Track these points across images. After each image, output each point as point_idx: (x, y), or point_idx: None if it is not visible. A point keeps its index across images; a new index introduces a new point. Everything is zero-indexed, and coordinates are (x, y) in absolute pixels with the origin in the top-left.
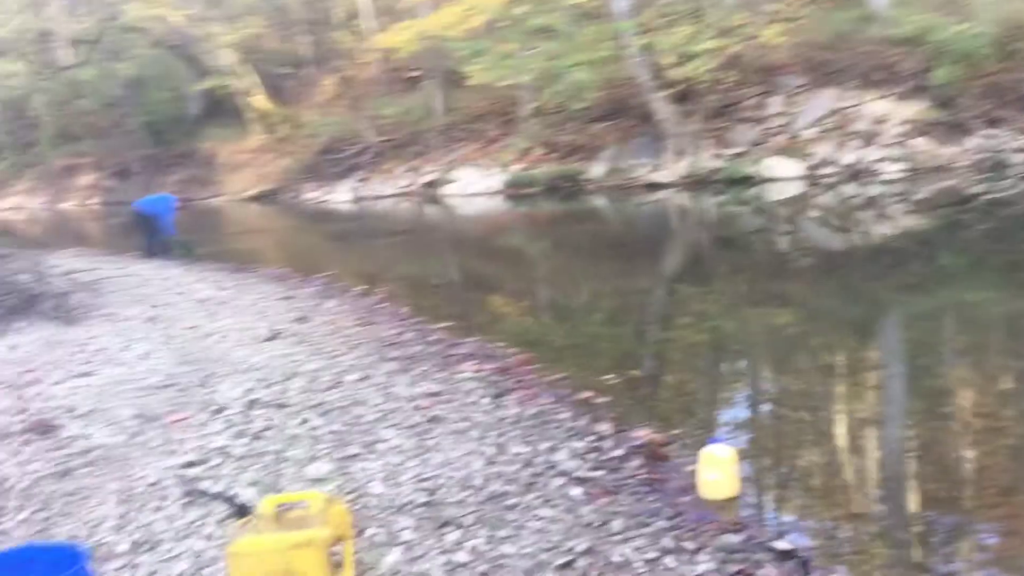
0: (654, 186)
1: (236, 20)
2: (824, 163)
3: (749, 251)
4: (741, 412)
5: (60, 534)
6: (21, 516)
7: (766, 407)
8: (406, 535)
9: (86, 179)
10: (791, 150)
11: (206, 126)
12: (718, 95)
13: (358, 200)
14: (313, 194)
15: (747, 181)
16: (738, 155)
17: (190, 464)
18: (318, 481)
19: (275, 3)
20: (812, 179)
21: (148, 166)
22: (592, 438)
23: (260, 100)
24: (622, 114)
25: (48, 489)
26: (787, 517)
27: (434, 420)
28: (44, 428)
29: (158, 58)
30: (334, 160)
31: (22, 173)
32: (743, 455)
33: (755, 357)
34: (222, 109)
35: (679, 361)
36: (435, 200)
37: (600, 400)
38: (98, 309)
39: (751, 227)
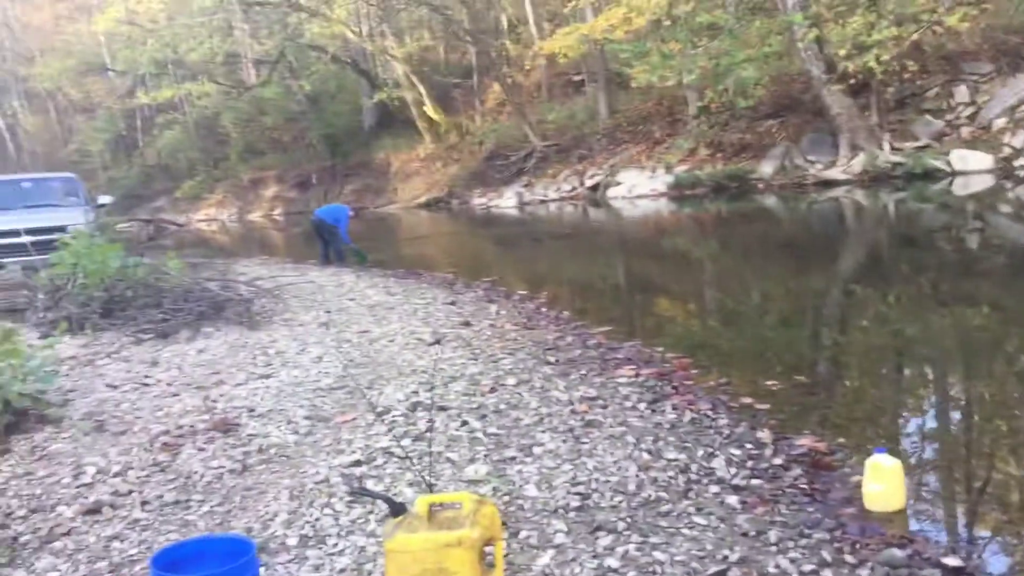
0: (828, 183)
1: (406, 34)
2: (1017, 155)
3: (933, 249)
4: (914, 421)
5: (237, 526)
6: (204, 508)
7: (942, 416)
8: (559, 538)
9: (270, 191)
10: (979, 142)
11: (379, 137)
12: (897, 86)
13: (523, 204)
14: (480, 200)
15: (930, 176)
16: (920, 148)
17: (356, 463)
18: (475, 482)
19: (442, 16)
20: (1003, 172)
21: (326, 177)
22: (751, 445)
23: (429, 110)
24: (792, 110)
25: (229, 484)
26: (958, 532)
27: (590, 424)
28: (227, 427)
29: (334, 74)
30: (500, 166)
31: (214, 187)
32: (913, 466)
33: (937, 362)
34: (394, 120)
35: (850, 366)
36: (599, 203)
37: (761, 406)
38: (278, 314)
39: (935, 224)
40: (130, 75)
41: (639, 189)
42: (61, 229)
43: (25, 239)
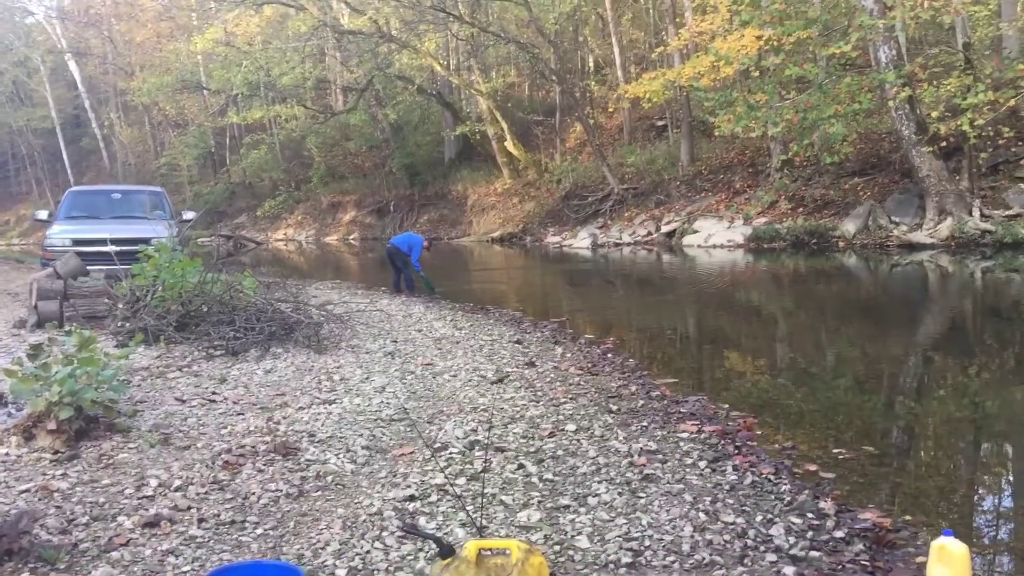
0: (912, 246)
1: (492, 70)
2: None
3: (1021, 322)
4: (988, 501)
5: (289, 552)
6: (259, 531)
7: (1019, 499)
8: None
9: (348, 215)
10: None
11: (458, 169)
12: (990, 152)
13: (597, 246)
14: (554, 238)
15: (1020, 246)
16: (1011, 217)
17: (410, 498)
18: (527, 528)
19: (529, 54)
20: None
21: (403, 205)
22: (812, 515)
23: (510, 145)
24: (879, 169)
25: (284, 508)
26: None
27: (647, 479)
28: (287, 450)
29: (419, 105)
30: (576, 206)
31: (294, 207)
32: (983, 549)
33: (1017, 441)
34: (474, 153)
35: (924, 439)
36: (674, 250)
37: (826, 475)
38: (346, 340)
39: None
40: (223, 94)
41: (715, 239)
42: (145, 241)
43: (111, 248)
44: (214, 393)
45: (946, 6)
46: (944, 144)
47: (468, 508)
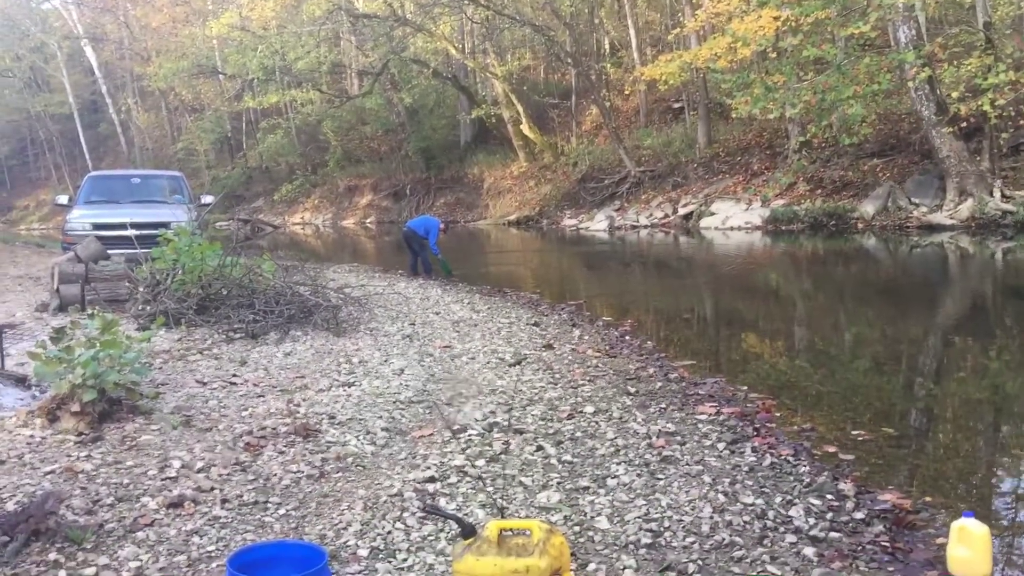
0: (932, 228)
1: (507, 53)
2: None
3: None
4: (1008, 483)
5: (311, 532)
6: (281, 512)
7: None
8: (627, 574)
9: (365, 199)
10: None
11: (474, 152)
12: (1012, 132)
13: (614, 228)
14: (571, 221)
15: None
16: None
17: (430, 479)
18: (546, 509)
19: (544, 36)
20: None
21: (419, 188)
22: (832, 496)
23: (526, 128)
24: (899, 150)
25: (306, 489)
26: None
27: (666, 460)
28: (307, 432)
29: (435, 88)
30: (593, 188)
31: (311, 191)
32: (1003, 530)
33: None
34: (490, 136)
35: (944, 420)
36: (691, 232)
37: (846, 456)
38: (364, 323)
39: None
40: (239, 79)
41: (733, 221)
42: (165, 225)
43: (131, 232)
44: (234, 375)
45: None
46: (964, 125)
47: (488, 489)
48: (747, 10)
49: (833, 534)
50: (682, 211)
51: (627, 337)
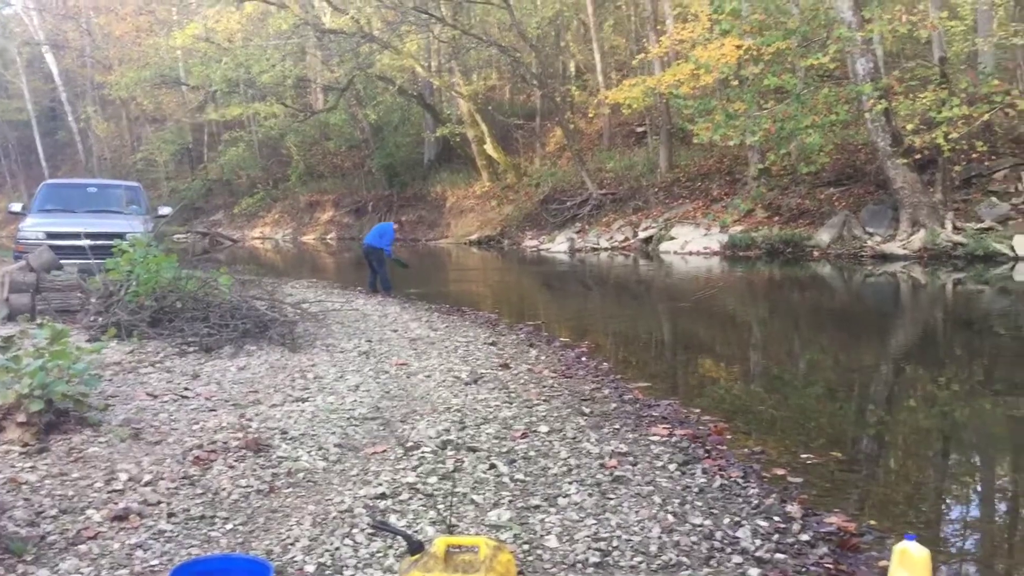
0: (885, 257)
1: (473, 72)
2: None
3: (990, 334)
4: (954, 510)
5: (258, 548)
6: (228, 526)
7: (984, 507)
8: None
9: (326, 215)
10: None
11: (438, 171)
12: (964, 165)
13: (574, 250)
14: (532, 242)
15: (991, 259)
16: (983, 230)
17: (382, 496)
18: (497, 527)
19: (510, 57)
20: None
21: (381, 205)
22: (779, 518)
23: (490, 148)
24: (855, 180)
25: (254, 504)
26: None
27: (618, 480)
28: (258, 447)
29: (400, 106)
30: (554, 210)
31: (272, 206)
32: (948, 556)
33: (983, 450)
34: (454, 155)
35: (892, 446)
36: (651, 255)
37: (794, 479)
38: (320, 339)
39: (993, 308)
40: (202, 91)
41: (692, 245)
42: (120, 236)
43: (85, 242)
44: (186, 389)
45: (923, 21)
46: (919, 156)
47: (439, 506)
48: (710, 38)
49: (778, 555)
50: (642, 235)
51: (583, 358)
